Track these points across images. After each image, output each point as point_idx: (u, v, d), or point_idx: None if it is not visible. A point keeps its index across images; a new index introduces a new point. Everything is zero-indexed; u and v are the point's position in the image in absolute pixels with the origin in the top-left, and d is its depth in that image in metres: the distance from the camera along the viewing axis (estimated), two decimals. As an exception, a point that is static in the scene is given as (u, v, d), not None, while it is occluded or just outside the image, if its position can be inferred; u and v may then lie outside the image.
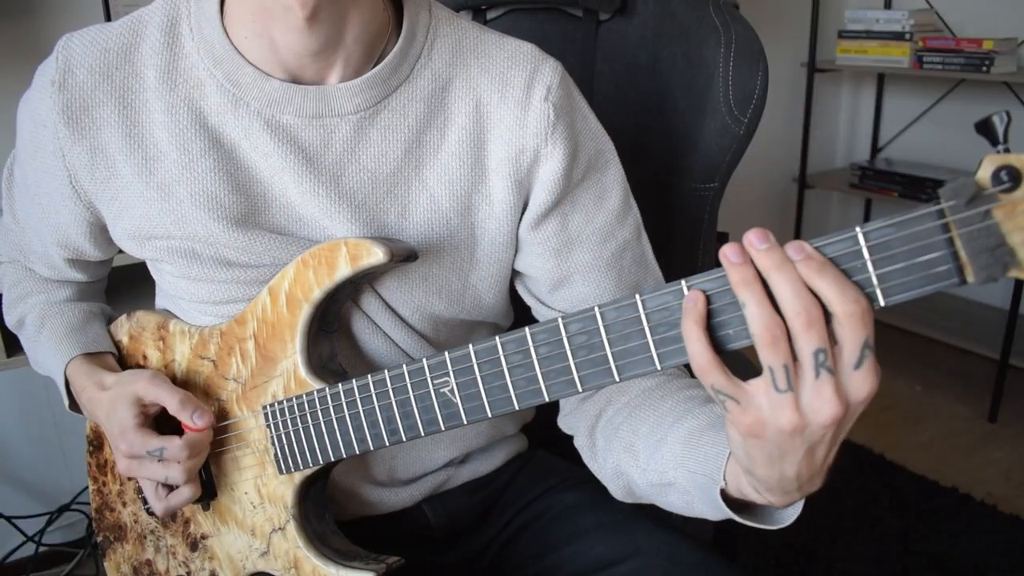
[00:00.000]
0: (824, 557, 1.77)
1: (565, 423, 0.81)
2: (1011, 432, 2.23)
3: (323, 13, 0.63)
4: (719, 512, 0.60)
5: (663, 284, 0.51)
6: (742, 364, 0.53)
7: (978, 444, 2.19)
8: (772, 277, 0.46)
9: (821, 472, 0.52)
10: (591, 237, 0.75)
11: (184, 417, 0.70)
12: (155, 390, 0.72)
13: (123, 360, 0.83)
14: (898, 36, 2.47)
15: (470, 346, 0.60)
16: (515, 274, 0.80)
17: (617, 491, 0.74)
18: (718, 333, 0.49)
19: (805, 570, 1.74)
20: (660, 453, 0.66)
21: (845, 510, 1.91)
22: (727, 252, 0.47)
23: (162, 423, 0.74)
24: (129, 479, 0.85)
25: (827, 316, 0.46)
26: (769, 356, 0.46)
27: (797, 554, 1.77)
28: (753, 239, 0.46)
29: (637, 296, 0.52)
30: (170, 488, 0.73)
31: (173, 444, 0.70)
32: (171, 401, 0.71)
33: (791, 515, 0.58)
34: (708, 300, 0.49)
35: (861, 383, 0.46)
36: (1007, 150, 0.43)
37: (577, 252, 0.75)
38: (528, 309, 0.82)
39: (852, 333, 0.45)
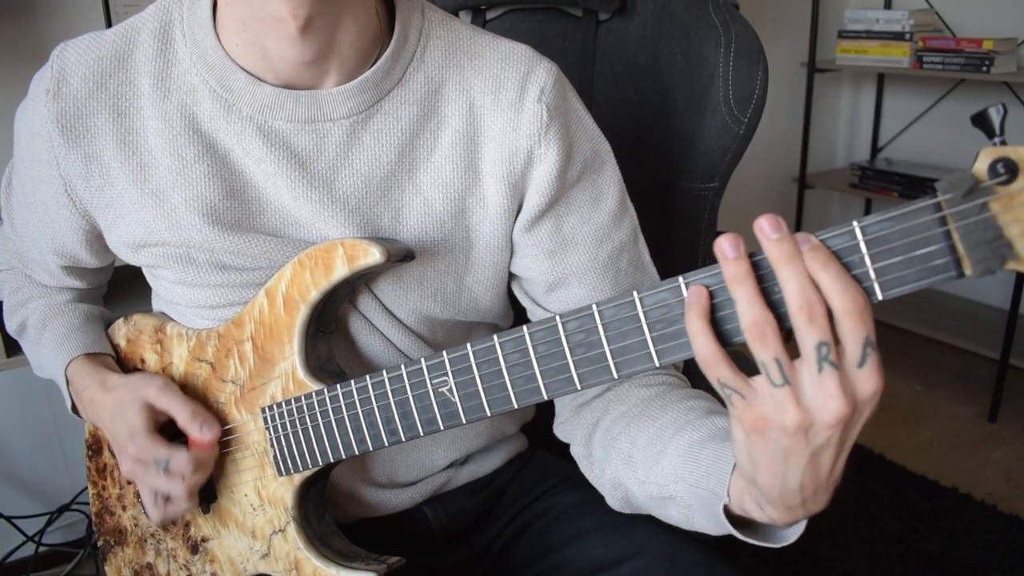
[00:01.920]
0: (824, 557, 1.77)
1: (561, 431, 0.80)
2: (1011, 432, 2.23)
3: (317, 23, 0.63)
4: (720, 527, 0.59)
5: (660, 282, 0.51)
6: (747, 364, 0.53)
7: (978, 444, 2.18)
8: (780, 269, 0.46)
9: (827, 486, 0.51)
10: (586, 239, 0.74)
11: (193, 430, 0.70)
12: (166, 399, 0.72)
13: (121, 364, 0.83)
14: (898, 36, 2.47)
15: (468, 346, 0.60)
16: (511, 276, 0.79)
17: (615, 502, 0.73)
18: (721, 327, 0.49)
19: (805, 570, 1.74)
20: (659, 466, 0.64)
21: (845, 510, 1.91)
22: (723, 246, 0.47)
23: (165, 432, 0.74)
24: (128, 483, 0.84)
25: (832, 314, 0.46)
26: (758, 350, 0.46)
27: (797, 554, 1.77)
28: (766, 227, 0.46)
29: (635, 293, 0.52)
30: (168, 498, 0.73)
31: (180, 458, 0.70)
32: (182, 412, 0.71)
33: (793, 534, 0.57)
34: (711, 295, 0.49)
35: (866, 380, 0.45)
36: (1003, 142, 0.43)
37: (572, 254, 0.75)
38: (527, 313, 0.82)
39: (851, 330, 0.45)
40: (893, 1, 2.68)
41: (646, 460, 0.66)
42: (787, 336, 0.47)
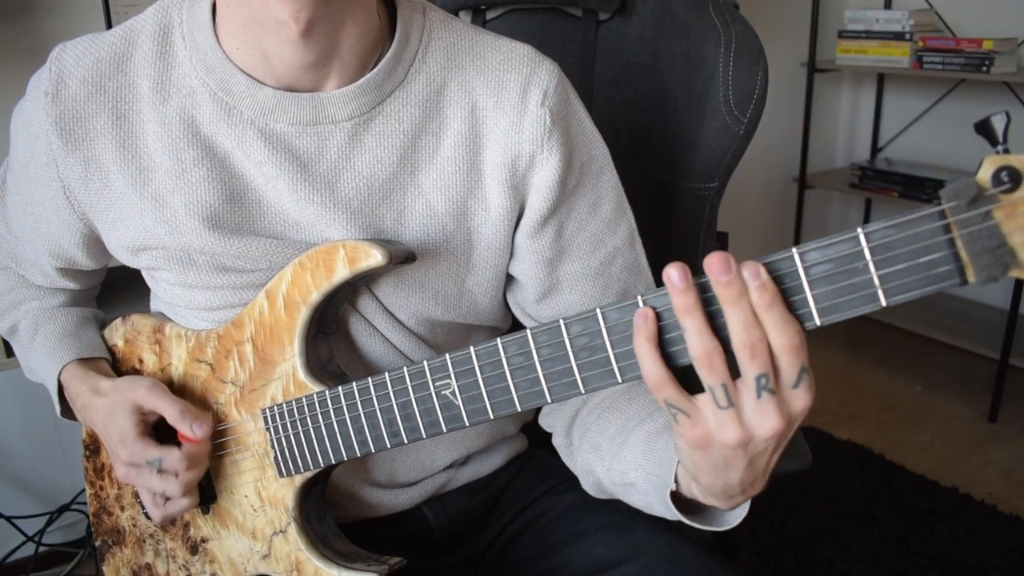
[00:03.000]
0: (824, 557, 1.77)
1: (545, 422, 0.83)
2: (1011, 432, 2.23)
3: (318, 27, 0.63)
4: (670, 513, 0.62)
5: (663, 288, 0.52)
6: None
7: (978, 444, 2.18)
8: (727, 309, 0.48)
9: (763, 476, 0.55)
10: (582, 245, 0.75)
11: (183, 428, 0.70)
12: (154, 399, 0.71)
13: (118, 364, 0.83)
14: (898, 36, 2.47)
15: (471, 348, 0.60)
16: (506, 279, 0.79)
17: (589, 487, 0.77)
18: (671, 348, 0.51)
19: (805, 570, 1.74)
20: (622, 454, 0.68)
21: (845, 510, 1.91)
22: (672, 276, 0.49)
23: (160, 431, 0.74)
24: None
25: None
26: (707, 377, 0.49)
27: (797, 554, 1.77)
28: (716, 269, 0.48)
29: (639, 297, 0.52)
30: (166, 497, 0.73)
31: (172, 456, 0.70)
32: (170, 411, 0.71)
33: (737, 517, 0.61)
34: (659, 317, 0.51)
35: (799, 399, 0.50)
36: (1007, 150, 0.43)
37: (567, 261, 0.75)
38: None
39: (789, 363, 0.48)
40: (893, 1, 2.68)
41: (612, 448, 0.71)
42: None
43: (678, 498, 0.62)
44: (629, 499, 0.70)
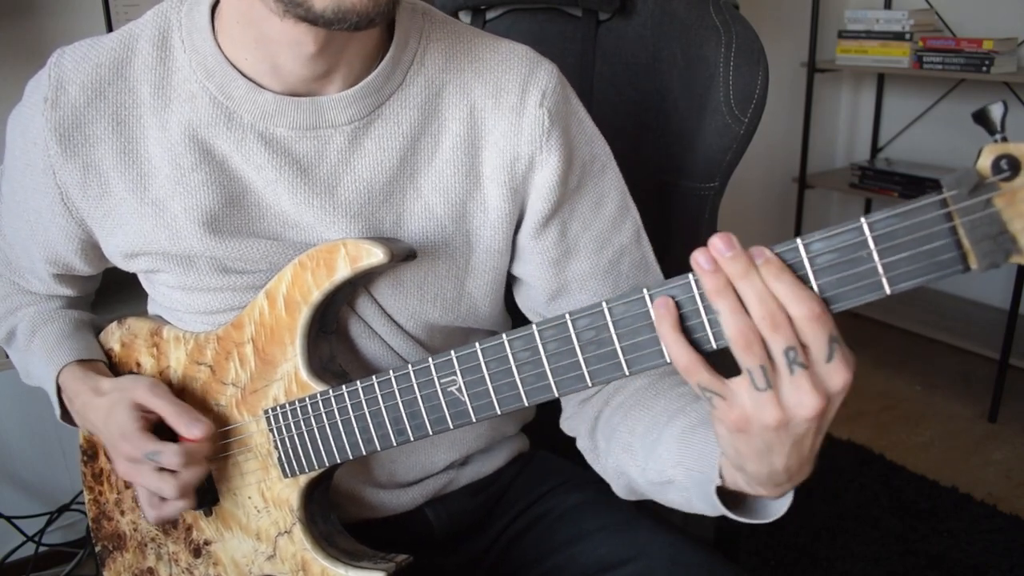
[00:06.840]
0: (824, 557, 1.77)
1: (567, 426, 0.81)
2: (1011, 432, 2.23)
3: (334, 44, 0.64)
4: (714, 509, 0.61)
5: (670, 280, 0.52)
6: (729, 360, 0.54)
7: (978, 444, 2.19)
8: (738, 284, 0.48)
9: (809, 460, 0.54)
10: (588, 245, 0.75)
11: (180, 427, 0.70)
12: (153, 399, 0.71)
13: (115, 368, 0.82)
14: (898, 36, 2.47)
15: (476, 344, 0.60)
16: (513, 281, 0.79)
17: (620, 490, 0.75)
18: (694, 336, 0.51)
19: (805, 570, 1.74)
20: (657, 452, 0.67)
21: (845, 510, 1.91)
22: (699, 259, 0.49)
23: (161, 433, 0.73)
24: (127, 487, 0.84)
25: None
26: (745, 359, 0.48)
27: (797, 554, 1.77)
28: (719, 246, 0.48)
29: (644, 291, 0.52)
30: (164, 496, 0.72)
31: (168, 450, 0.69)
32: (168, 411, 0.70)
33: (782, 507, 0.60)
34: (679, 305, 0.51)
35: (835, 374, 0.48)
36: (1004, 139, 0.44)
37: (575, 261, 0.75)
38: (525, 318, 0.82)
39: (813, 333, 0.47)
40: (893, 1, 2.68)
41: (644, 447, 0.69)
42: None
43: (722, 493, 0.60)
44: (666, 497, 0.68)
